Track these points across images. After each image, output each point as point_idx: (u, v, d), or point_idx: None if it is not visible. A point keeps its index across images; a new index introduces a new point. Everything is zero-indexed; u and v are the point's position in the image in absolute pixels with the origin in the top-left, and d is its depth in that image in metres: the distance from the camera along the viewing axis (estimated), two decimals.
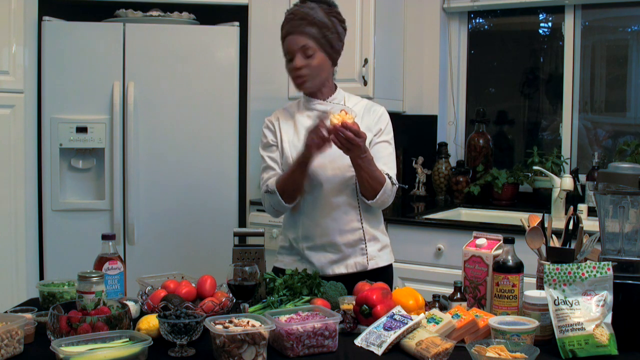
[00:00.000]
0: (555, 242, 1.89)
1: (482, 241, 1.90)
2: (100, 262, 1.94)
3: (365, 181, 2.11)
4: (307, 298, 1.88)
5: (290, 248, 2.28)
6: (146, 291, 1.90)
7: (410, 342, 1.59)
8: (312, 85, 2.19)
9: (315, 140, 1.99)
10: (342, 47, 2.24)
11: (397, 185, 2.21)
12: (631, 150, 3.30)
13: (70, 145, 3.30)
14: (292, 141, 2.22)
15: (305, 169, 2.11)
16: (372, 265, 2.23)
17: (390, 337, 1.61)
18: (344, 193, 2.18)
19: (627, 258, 1.69)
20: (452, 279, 1.90)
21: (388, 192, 2.15)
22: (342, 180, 2.17)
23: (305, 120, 2.21)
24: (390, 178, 2.16)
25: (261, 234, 2.09)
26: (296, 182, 2.14)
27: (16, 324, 1.56)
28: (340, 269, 2.20)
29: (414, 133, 3.94)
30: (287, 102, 3.68)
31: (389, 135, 2.27)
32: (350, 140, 1.95)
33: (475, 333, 1.68)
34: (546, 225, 1.92)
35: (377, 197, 2.13)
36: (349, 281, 2.04)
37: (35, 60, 3.28)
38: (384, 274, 2.26)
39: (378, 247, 2.26)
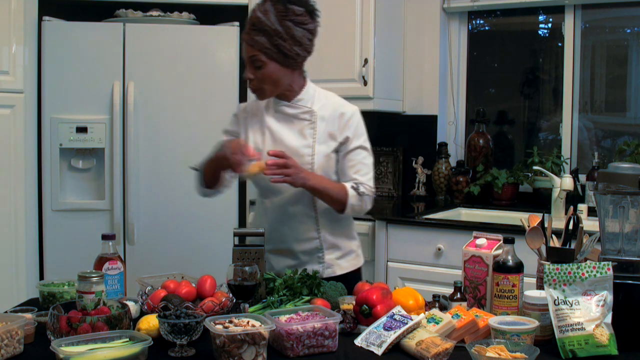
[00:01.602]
0: (555, 242, 1.89)
1: (482, 241, 1.90)
2: (100, 262, 1.94)
3: (329, 202, 2.13)
4: (307, 298, 1.88)
5: None
6: (146, 291, 1.90)
7: (410, 342, 1.59)
8: (266, 95, 2.13)
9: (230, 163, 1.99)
10: (308, 47, 2.11)
11: (370, 193, 2.17)
12: (631, 150, 3.30)
13: (70, 145, 3.30)
14: (257, 140, 2.19)
15: (217, 172, 2.14)
16: (329, 273, 2.21)
17: (390, 337, 1.61)
18: (301, 203, 2.17)
19: (627, 258, 1.69)
20: (452, 279, 1.90)
21: (355, 202, 2.13)
22: (298, 191, 2.13)
23: (272, 123, 2.18)
24: (356, 189, 2.13)
25: (261, 234, 2.09)
26: (211, 176, 2.17)
27: (16, 324, 1.56)
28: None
29: (414, 133, 3.94)
30: None
31: (361, 139, 2.19)
32: (284, 165, 1.97)
33: (475, 333, 1.68)
34: (546, 225, 1.92)
35: (346, 210, 2.14)
36: None
37: (35, 60, 3.28)
38: (346, 281, 2.13)
39: (337, 255, 2.24)
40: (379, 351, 1.59)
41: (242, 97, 3.49)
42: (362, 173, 2.17)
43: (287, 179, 1.99)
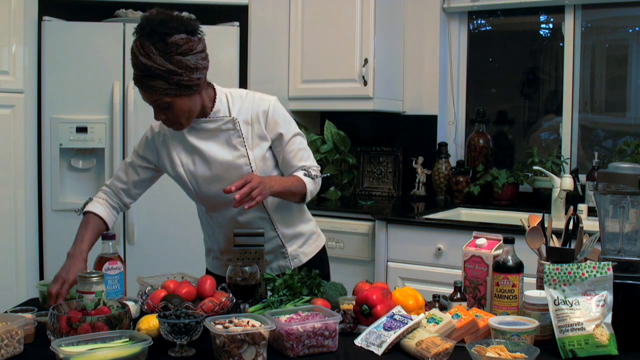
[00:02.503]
0: (555, 242, 1.89)
1: (482, 241, 1.90)
2: (100, 262, 1.94)
3: (291, 198, 2.12)
4: (307, 298, 1.88)
5: (216, 257, 2.29)
6: (146, 291, 1.90)
7: (410, 342, 1.59)
8: (185, 126, 2.02)
9: None
10: (205, 65, 1.96)
11: (319, 174, 2.17)
12: (631, 150, 3.30)
13: (70, 145, 3.30)
14: (187, 163, 2.09)
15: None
16: (296, 264, 2.22)
17: (390, 337, 1.61)
18: (249, 210, 2.03)
19: (627, 258, 1.69)
20: (452, 279, 1.90)
21: (312, 188, 2.13)
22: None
23: (197, 141, 2.07)
24: (308, 174, 2.12)
25: (261, 234, 2.09)
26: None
27: (16, 324, 1.56)
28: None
29: (414, 133, 3.94)
30: (286, 102, 3.72)
31: (291, 127, 2.13)
32: (251, 189, 1.89)
33: (475, 333, 1.68)
34: (546, 225, 1.92)
35: (306, 198, 2.13)
36: None
37: (35, 60, 3.28)
38: (314, 263, 2.20)
39: (299, 243, 2.24)
40: (379, 351, 1.59)
41: None
42: (305, 158, 2.15)
43: (259, 199, 1.91)
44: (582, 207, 3.14)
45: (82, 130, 3.30)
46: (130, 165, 2.18)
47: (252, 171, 2.05)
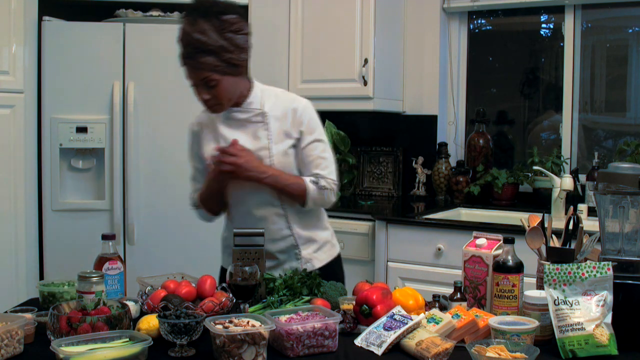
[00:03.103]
0: (555, 242, 1.89)
1: (482, 241, 1.90)
2: (100, 262, 1.94)
3: (286, 195, 2.15)
4: (307, 298, 1.88)
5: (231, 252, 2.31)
6: (146, 291, 1.90)
7: (410, 342, 1.59)
8: (224, 109, 2.13)
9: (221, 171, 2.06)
10: (248, 50, 2.09)
11: (331, 186, 2.17)
12: (631, 150, 3.30)
13: (70, 145, 3.30)
14: (211, 150, 2.16)
15: (219, 193, 2.17)
16: (309, 267, 2.21)
17: (390, 337, 1.61)
18: (268, 205, 2.16)
19: (627, 258, 1.69)
20: (452, 279, 1.90)
21: (316, 196, 2.14)
22: (263, 194, 2.15)
23: (225, 130, 2.17)
24: (316, 182, 2.14)
25: (261, 234, 2.09)
26: (215, 201, 2.21)
27: (16, 324, 1.56)
28: (276, 274, 2.17)
29: (414, 133, 3.94)
30: None
31: (316, 132, 2.19)
32: (231, 162, 2.02)
33: (475, 333, 1.68)
34: (546, 225, 1.92)
35: (307, 203, 2.15)
36: None
37: (35, 60, 3.28)
38: (326, 272, 2.19)
39: (314, 248, 2.25)
40: (379, 351, 1.59)
41: None
42: (322, 167, 2.17)
43: (226, 168, 2.03)
44: (582, 207, 3.14)
45: (82, 130, 3.30)
46: (194, 169, 2.28)
47: (271, 164, 2.11)
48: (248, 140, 2.12)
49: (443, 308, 1.82)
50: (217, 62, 1.99)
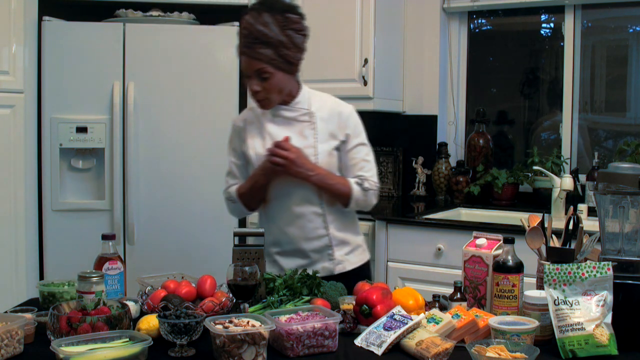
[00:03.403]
0: (555, 242, 1.89)
1: (482, 241, 1.90)
2: (100, 262, 1.94)
3: (331, 195, 2.19)
4: (307, 298, 1.88)
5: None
6: (146, 291, 1.90)
7: (410, 342, 1.59)
8: (272, 104, 2.17)
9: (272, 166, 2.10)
10: (303, 49, 2.15)
11: (374, 188, 2.23)
12: (631, 150, 3.30)
13: (70, 145, 3.30)
14: (256, 146, 2.22)
15: (262, 187, 2.19)
16: (340, 269, 2.25)
17: (390, 337, 1.61)
18: (308, 202, 2.20)
19: (627, 258, 1.69)
20: (452, 279, 1.90)
21: (359, 197, 2.20)
22: (305, 191, 2.18)
23: (272, 127, 2.21)
24: (360, 184, 2.19)
25: (261, 234, 2.09)
26: (257, 195, 2.23)
27: (16, 324, 1.56)
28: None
29: (414, 133, 3.94)
30: None
31: (360, 136, 2.26)
32: (284, 156, 2.06)
33: (475, 333, 1.68)
34: (546, 225, 1.92)
35: (350, 204, 2.20)
36: None
37: (35, 60, 3.28)
38: (356, 275, 2.22)
39: (346, 250, 2.28)
40: (379, 351, 1.59)
41: (242, 97, 3.50)
42: (366, 169, 2.23)
43: (278, 161, 2.06)
44: (582, 207, 3.14)
45: (82, 130, 3.30)
46: (233, 164, 2.31)
47: (316, 162, 2.14)
48: (294, 138, 2.16)
49: (443, 308, 1.82)
50: (273, 56, 2.05)
